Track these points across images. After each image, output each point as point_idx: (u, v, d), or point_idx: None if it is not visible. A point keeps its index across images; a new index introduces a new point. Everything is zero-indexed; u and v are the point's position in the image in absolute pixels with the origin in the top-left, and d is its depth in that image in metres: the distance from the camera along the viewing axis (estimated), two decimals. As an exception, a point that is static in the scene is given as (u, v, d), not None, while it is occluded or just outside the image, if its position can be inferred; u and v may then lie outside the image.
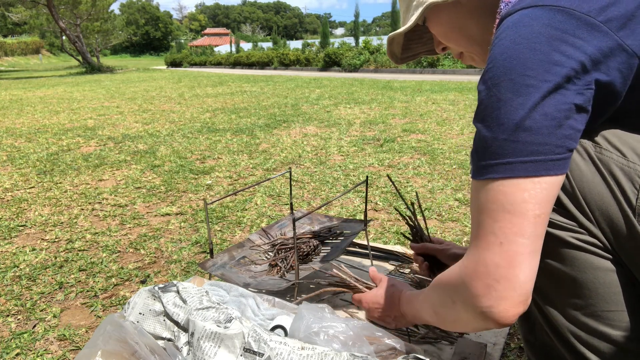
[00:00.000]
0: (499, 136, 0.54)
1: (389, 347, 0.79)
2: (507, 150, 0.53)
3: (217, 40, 51.05)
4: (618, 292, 0.57)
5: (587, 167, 0.57)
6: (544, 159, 0.52)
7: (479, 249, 0.56)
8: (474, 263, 0.56)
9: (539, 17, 0.54)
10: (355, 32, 18.47)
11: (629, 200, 0.54)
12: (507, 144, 0.53)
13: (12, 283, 1.48)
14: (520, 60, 0.53)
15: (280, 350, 0.73)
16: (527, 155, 0.52)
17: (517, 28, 0.55)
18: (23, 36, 45.86)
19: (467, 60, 0.80)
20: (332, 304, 1.17)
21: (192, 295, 0.85)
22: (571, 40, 0.52)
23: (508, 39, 0.55)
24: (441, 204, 2.06)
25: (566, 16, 0.53)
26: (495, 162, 0.54)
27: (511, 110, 0.53)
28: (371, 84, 8.35)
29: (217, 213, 2.05)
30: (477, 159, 0.57)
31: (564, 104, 0.52)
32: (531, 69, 0.53)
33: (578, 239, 0.57)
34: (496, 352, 0.98)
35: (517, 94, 0.53)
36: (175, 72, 16.98)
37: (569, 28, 0.53)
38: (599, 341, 0.59)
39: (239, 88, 8.73)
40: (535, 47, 0.53)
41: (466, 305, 0.58)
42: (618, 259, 0.57)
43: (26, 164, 3.09)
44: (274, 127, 4.22)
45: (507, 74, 0.54)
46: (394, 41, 0.83)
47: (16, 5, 22.99)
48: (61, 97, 8.03)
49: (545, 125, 0.52)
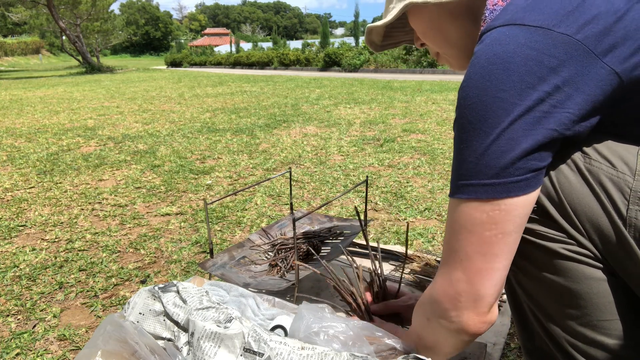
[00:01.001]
0: (467, 158, 0.56)
1: (389, 347, 0.79)
2: (472, 172, 0.55)
3: (217, 40, 51.05)
4: (612, 301, 0.58)
5: (576, 178, 0.56)
6: (504, 181, 0.54)
7: (445, 266, 0.61)
8: (440, 280, 0.62)
9: (515, 35, 0.53)
10: (355, 32, 18.47)
11: (619, 211, 0.54)
12: (472, 166, 0.55)
13: (12, 283, 1.48)
14: (493, 82, 0.53)
15: (280, 350, 0.73)
16: (489, 177, 0.54)
17: (493, 46, 0.55)
18: (23, 36, 45.88)
19: (442, 60, 0.80)
20: (332, 304, 1.17)
21: (192, 295, 0.85)
22: (547, 61, 0.52)
23: (484, 57, 0.55)
24: (441, 204, 2.06)
25: (543, 36, 0.52)
26: (462, 183, 0.57)
27: (480, 133, 0.54)
28: (371, 84, 8.35)
29: (217, 213, 2.05)
30: (452, 176, 0.60)
31: (532, 127, 0.52)
32: (503, 90, 0.53)
33: (569, 250, 0.57)
34: (496, 352, 0.98)
35: (486, 117, 0.54)
36: (175, 72, 16.98)
37: (545, 48, 0.52)
38: (595, 350, 0.59)
39: (239, 88, 8.73)
40: (510, 68, 0.53)
41: (438, 320, 0.63)
42: (610, 268, 0.57)
43: (26, 164, 3.09)
44: (274, 127, 4.22)
45: (480, 95, 0.54)
46: (372, 31, 0.83)
47: (16, 5, 23.00)
48: (61, 97, 8.03)
49: (509, 149, 0.53)
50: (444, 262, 0.62)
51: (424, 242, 1.66)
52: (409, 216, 1.93)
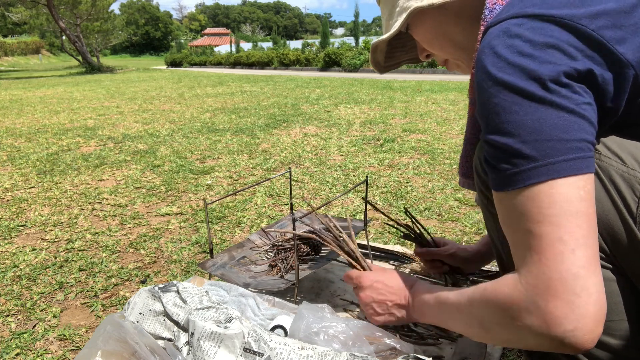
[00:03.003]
0: (527, 138, 0.50)
1: (389, 347, 0.79)
2: (544, 151, 0.49)
3: (217, 40, 51.04)
4: (619, 302, 0.57)
5: None
6: (583, 155, 0.49)
7: (546, 262, 0.49)
8: (545, 279, 0.49)
9: (529, 26, 0.52)
10: (355, 32, 18.47)
11: (630, 208, 0.53)
12: (540, 144, 0.49)
13: (12, 283, 1.48)
14: (519, 66, 0.51)
15: (280, 350, 0.73)
16: (567, 152, 0.49)
17: (504, 38, 0.53)
18: (23, 36, 45.87)
19: (452, 67, 0.78)
20: (332, 304, 1.17)
21: (192, 295, 0.85)
22: (565, 48, 0.50)
23: (500, 48, 0.53)
24: (441, 204, 2.06)
25: (556, 26, 0.51)
26: (532, 166, 0.50)
27: (531, 110, 0.50)
28: (371, 84, 8.35)
29: (217, 213, 2.05)
30: (503, 169, 0.52)
31: (580, 101, 0.50)
32: (534, 70, 0.51)
33: None
34: (496, 352, 0.98)
35: (529, 97, 0.50)
36: (175, 72, 16.98)
37: (560, 37, 0.51)
38: (598, 350, 0.59)
39: (239, 88, 8.73)
40: (531, 53, 0.51)
41: (537, 328, 0.49)
42: (619, 269, 0.57)
43: (26, 164, 3.09)
44: (274, 127, 4.22)
45: (509, 81, 0.52)
46: (377, 49, 0.81)
47: (16, 5, 23.01)
48: (61, 97, 8.03)
49: (576, 122, 0.50)
50: (536, 262, 0.50)
51: (424, 242, 1.66)
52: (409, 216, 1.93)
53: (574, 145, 0.49)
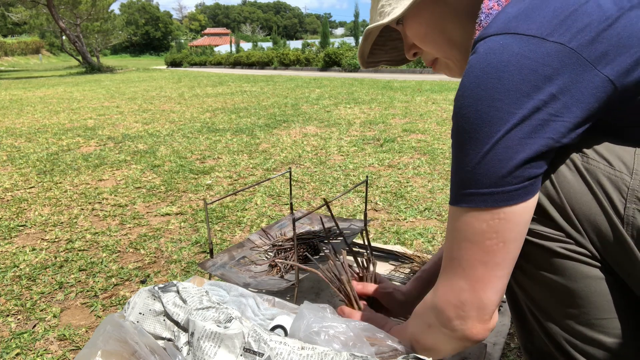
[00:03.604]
0: (464, 167, 0.56)
1: (390, 348, 0.79)
2: (470, 181, 0.55)
3: (217, 40, 51.04)
4: (610, 299, 0.58)
5: (574, 177, 0.56)
6: (502, 190, 0.54)
7: (447, 274, 0.61)
8: (443, 288, 0.62)
9: (509, 45, 0.53)
10: (355, 32, 18.47)
11: (617, 209, 0.54)
12: (469, 175, 0.55)
13: (12, 283, 1.48)
14: (488, 91, 0.53)
15: (280, 350, 0.73)
16: (487, 187, 0.54)
17: (487, 55, 0.54)
18: (23, 36, 45.88)
19: (440, 67, 0.76)
20: (332, 304, 1.17)
21: (192, 295, 0.85)
22: (541, 70, 0.52)
23: (478, 67, 0.54)
24: (441, 204, 2.06)
25: (537, 45, 0.52)
26: (461, 192, 0.57)
27: (476, 142, 0.54)
28: (371, 84, 8.35)
29: (217, 213, 2.05)
30: (451, 184, 0.60)
31: (528, 135, 0.52)
32: (499, 100, 0.53)
33: (567, 249, 0.57)
34: (496, 352, 0.98)
35: (482, 126, 0.54)
36: (175, 72, 16.98)
37: (540, 57, 0.52)
38: (594, 349, 0.60)
39: (239, 88, 8.73)
40: (504, 77, 0.52)
41: (441, 328, 0.63)
42: (608, 267, 0.57)
43: (26, 164, 3.09)
44: (274, 127, 4.22)
45: (475, 105, 0.54)
46: (369, 37, 0.78)
47: (16, 5, 23.02)
48: (61, 97, 8.03)
49: (506, 158, 0.53)
50: (446, 270, 0.62)
51: (424, 242, 1.66)
52: (409, 216, 1.93)
53: (495, 180, 0.54)
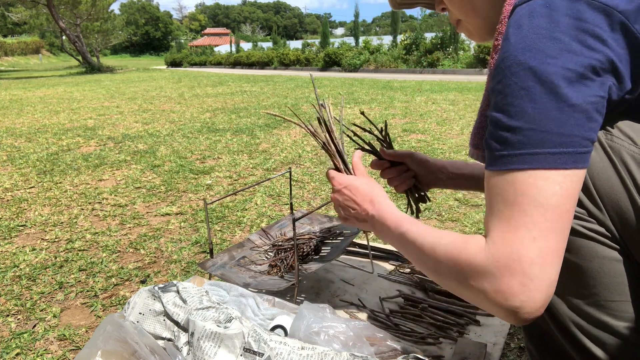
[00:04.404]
0: (523, 125, 0.52)
1: (390, 348, 0.79)
2: (534, 141, 0.51)
3: (217, 40, 51.01)
4: (623, 282, 0.57)
5: (597, 154, 0.56)
6: (573, 151, 0.51)
7: (511, 242, 0.52)
8: (506, 256, 0.53)
9: (557, 7, 0.53)
10: (355, 32, 18.46)
11: (639, 188, 0.54)
12: (533, 133, 0.51)
13: (12, 283, 1.48)
14: (540, 50, 0.52)
15: (280, 350, 0.73)
16: (555, 146, 0.51)
17: (532, 18, 0.54)
18: (23, 36, 45.85)
19: (462, 29, 0.78)
20: (332, 304, 1.17)
21: (192, 295, 0.85)
22: (593, 31, 0.51)
23: (525, 29, 0.54)
24: (441, 204, 2.06)
25: (588, 7, 0.52)
26: (519, 153, 0.52)
27: (536, 99, 0.51)
28: (371, 84, 8.35)
29: (217, 213, 2.05)
30: (495, 148, 0.55)
31: (589, 95, 0.51)
32: (553, 57, 0.51)
33: (586, 228, 0.56)
34: (496, 352, 0.98)
35: (540, 83, 0.51)
36: (175, 72, 16.98)
37: (591, 19, 0.51)
38: (600, 331, 0.58)
39: (239, 88, 8.73)
40: (556, 37, 0.52)
41: (491, 296, 0.54)
42: (626, 250, 0.57)
43: (26, 164, 3.09)
44: (274, 127, 4.22)
45: (528, 63, 0.52)
46: None
47: (16, 5, 23.01)
48: (61, 97, 8.03)
49: (574, 117, 0.51)
50: (504, 237, 0.53)
51: (424, 242, 1.66)
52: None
53: (565, 140, 0.51)
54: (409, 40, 13.10)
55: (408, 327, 1.07)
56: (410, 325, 1.08)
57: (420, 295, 1.21)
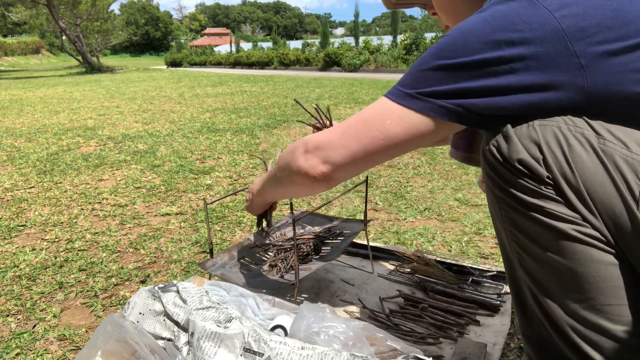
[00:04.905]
0: (411, 69, 0.68)
1: (390, 348, 0.79)
2: (402, 81, 0.67)
3: (217, 40, 51.01)
4: (619, 286, 0.57)
5: (589, 158, 0.56)
6: (416, 94, 0.64)
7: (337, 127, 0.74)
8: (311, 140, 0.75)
9: (507, 3, 0.62)
10: (355, 32, 18.47)
11: (632, 191, 0.54)
12: (405, 77, 0.67)
13: (12, 283, 1.48)
14: (469, 27, 0.63)
15: (280, 350, 0.73)
16: (410, 88, 0.65)
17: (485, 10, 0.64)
18: (23, 36, 45.85)
19: None
20: (332, 304, 1.18)
21: (192, 295, 0.85)
22: (521, 27, 0.59)
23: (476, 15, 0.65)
24: (441, 204, 2.06)
25: (528, 5, 0.60)
26: (394, 86, 0.68)
27: (433, 58, 0.65)
28: (371, 84, 8.35)
29: (217, 213, 2.05)
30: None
31: (474, 77, 0.60)
32: (475, 37, 0.62)
33: (580, 232, 0.57)
34: (496, 352, 0.98)
35: (443, 51, 0.63)
36: (175, 72, 16.98)
37: (526, 16, 0.59)
38: (597, 335, 0.59)
39: (239, 88, 8.73)
40: (488, 21, 0.61)
41: (299, 153, 0.75)
42: (620, 254, 0.57)
43: (26, 164, 3.09)
44: (274, 127, 4.22)
45: (455, 33, 0.64)
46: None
47: (16, 5, 23.02)
48: (61, 97, 8.03)
49: (439, 82, 0.63)
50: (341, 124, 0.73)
51: (424, 242, 1.66)
52: (409, 216, 1.93)
53: (415, 88, 0.64)
54: (409, 40, 13.10)
55: (408, 327, 1.07)
56: (410, 325, 1.08)
57: (420, 295, 1.21)
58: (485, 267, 1.31)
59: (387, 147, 0.66)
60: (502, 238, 0.68)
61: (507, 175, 0.61)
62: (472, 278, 1.26)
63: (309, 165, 0.72)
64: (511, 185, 0.60)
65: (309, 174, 0.72)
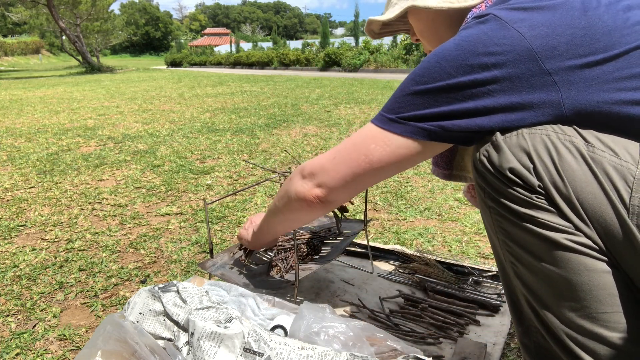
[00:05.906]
0: (394, 95, 0.70)
1: (390, 348, 0.79)
2: (386, 107, 0.70)
3: (217, 40, 51.00)
4: (613, 293, 0.57)
5: (579, 166, 0.56)
6: (398, 119, 0.67)
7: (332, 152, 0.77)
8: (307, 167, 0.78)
9: (479, 25, 0.64)
10: (355, 32, 18.46)
11: (623, 199, 0.54)
12: (389, 103, 0.70)
13: (12, 283, 1.48)
14: (444, 52, 0.65)
15: (280, 350, 0.73)
16: (392, 113, 0.68)
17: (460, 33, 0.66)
18: (23, 36, 45.87)
19: None
20: (332, 304, 1.18)
21: (192, 295, 0.85)
22: (493, 48, 0.60)
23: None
24: (441, 204, 2.06)
25: (499, 28, 0.61)
26: (380, 113, 0.71)
27: (412, 83, 0.68)
28: (371, 84, 8.35)
29: (217, 213, 2.05)
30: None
31: (451, 101, 0.62)
32: (448, 61, 0.64)
33: (572, 241, 0.57)
34: (496, 352, 0.98)
35: (422, 76, 0.66)
36: (175, 72, 16.98)
37: (497, 38, 0.61)
38: (594, 343, 0.59)
39: (239, 88, 8.73)
40: (461, 46, 0.63)
41: (296, 179, 0.79)
42: (613, 261, 0.57)
43: (26, 164, 3.09)
44: (274, 127, 4.22)
45: (431, 58, 0.66)
46: (372, 23, 0.92)
47: (16, 5, 23.01)
48: (61, 97, 8.03)
49: (419, 105, 0.65)
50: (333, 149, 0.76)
51: (424, 242, 1.66)
52: (409, 216, 1.93)
53: (397, 115, 0.67)
54: (409, 40, 13.10)
55: (408, 327, 1.07)
56: (410, 325, 1.08)
57: (420, 295, 1.21)
58: (485, 267, 1.31)
59: (373, 170, 0.70)
60: (496, 248, 0.68)
61: (498, 185, 0.61)
62: (472, 278, 1.27)
63: (305, 190, 0.76)
64: (503, 195, 0.61)
65: (306, 197, 0.76)
